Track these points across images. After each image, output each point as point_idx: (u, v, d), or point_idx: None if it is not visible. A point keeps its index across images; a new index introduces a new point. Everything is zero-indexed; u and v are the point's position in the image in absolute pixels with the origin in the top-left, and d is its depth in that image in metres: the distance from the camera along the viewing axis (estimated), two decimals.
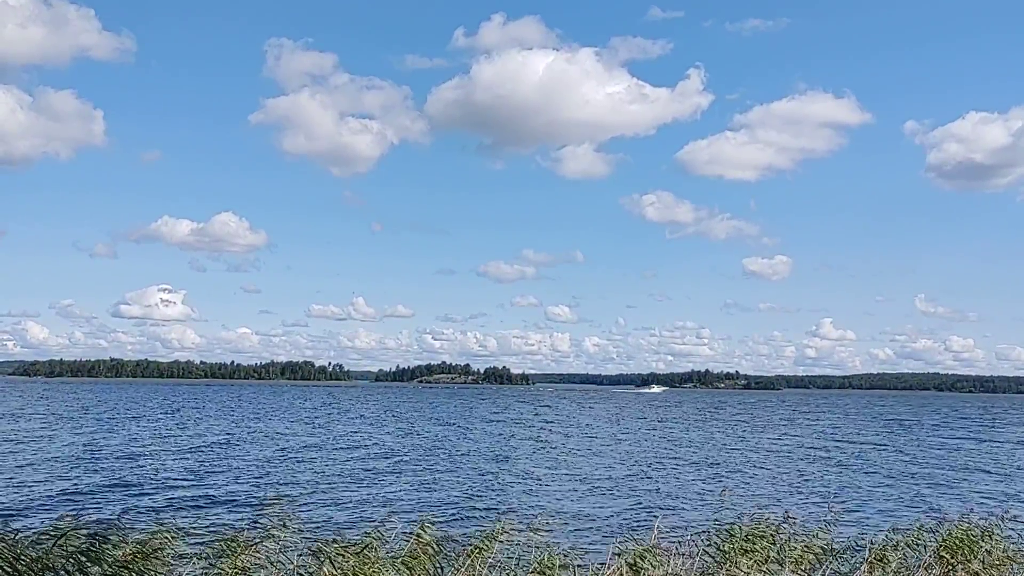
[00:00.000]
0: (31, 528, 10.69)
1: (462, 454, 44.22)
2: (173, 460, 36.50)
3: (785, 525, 12.58)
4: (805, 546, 12.00)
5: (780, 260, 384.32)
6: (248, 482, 30.34)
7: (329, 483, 30.62)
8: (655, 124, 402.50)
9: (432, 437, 57.03)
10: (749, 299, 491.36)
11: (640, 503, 28.30)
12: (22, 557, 9.46)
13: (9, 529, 11.40)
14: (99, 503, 24.60)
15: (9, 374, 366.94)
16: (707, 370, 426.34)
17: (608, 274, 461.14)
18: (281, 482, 30.44)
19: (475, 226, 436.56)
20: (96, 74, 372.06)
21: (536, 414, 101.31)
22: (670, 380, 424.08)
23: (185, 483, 29.43)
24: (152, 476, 30.91)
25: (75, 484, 28.41)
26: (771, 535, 12.05)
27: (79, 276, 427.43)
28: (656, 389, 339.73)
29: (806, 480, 36.33)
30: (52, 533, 9.85)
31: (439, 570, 10.91)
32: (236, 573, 10.27)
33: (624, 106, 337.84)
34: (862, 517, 25.55)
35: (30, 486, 27.71)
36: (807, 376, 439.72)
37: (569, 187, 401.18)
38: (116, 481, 29.39)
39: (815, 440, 62.52)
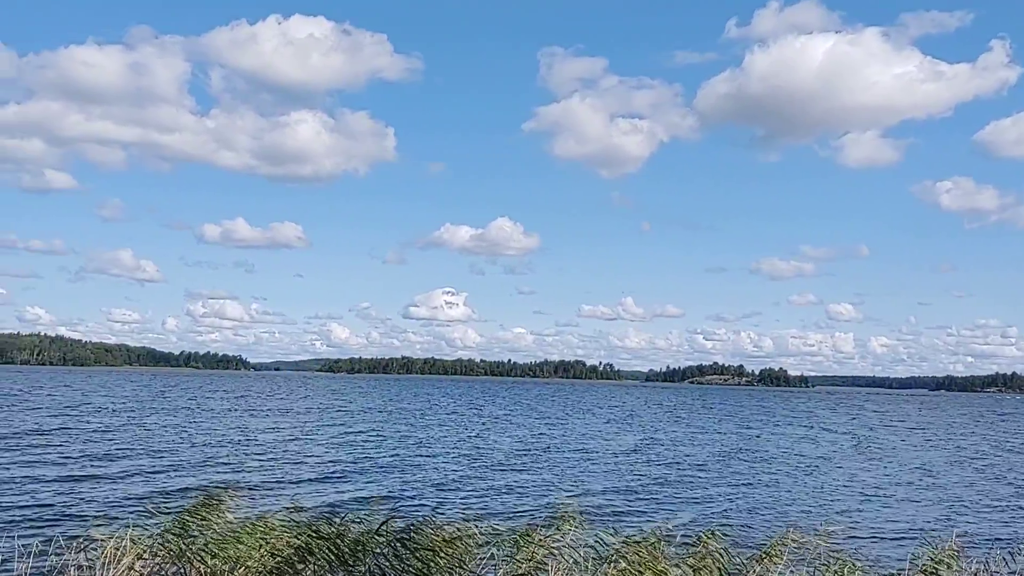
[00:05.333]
0: (357, 513, 11.98)
1: (763, 458, 42.93)
2: (484, 458, 38.73)
3: None
4: None
5: None
6: (547, 478, 31.57)
7: (619, 482, 31.09)
8: (951, 104, 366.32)
9: (724, 439, 55.88)
10: None
11: (939, 515, 25.87)
12: (344, 538, 10.69)
13: (336, 514, 12.89)
14: (416, 496, 26.75)
15: (316, 370, 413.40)
16: (1014, 372, 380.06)
17: (897, 269, 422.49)
18: (576, 480, 31.30)
19: (747, 222, 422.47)
20: (388, 94, 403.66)
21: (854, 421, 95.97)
22: (969, 383, 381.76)
23: (492, 479, 31.15)
24: (463, 472, 33.05)
25: (397, 477, 31.17)
26: None
27: (374, 281, 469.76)
28: None
29: None
30: (372, 520, 11.03)
31: (725, 575, 10.77)
32: (529, 564, 10.84)
33: (916, 86, 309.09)
34: None
35: (363, 475, 30.79)
36: None
37: (852, 176, 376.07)
38: (433, 476, 31.82)
39: None
